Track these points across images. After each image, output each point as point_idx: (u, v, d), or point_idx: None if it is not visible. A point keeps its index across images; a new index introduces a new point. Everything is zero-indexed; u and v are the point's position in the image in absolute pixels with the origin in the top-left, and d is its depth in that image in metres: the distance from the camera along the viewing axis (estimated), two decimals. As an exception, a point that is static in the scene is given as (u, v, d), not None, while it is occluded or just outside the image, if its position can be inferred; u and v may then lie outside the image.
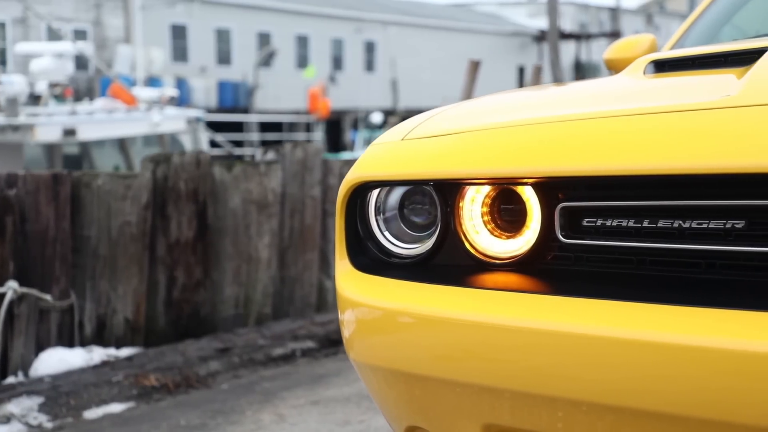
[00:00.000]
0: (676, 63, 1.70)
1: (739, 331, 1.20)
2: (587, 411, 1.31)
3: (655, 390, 1.23)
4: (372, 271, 1.64)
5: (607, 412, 1.29)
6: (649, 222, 1.36)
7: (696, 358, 1.20)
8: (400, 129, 1.72)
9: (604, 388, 1.28)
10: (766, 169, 1.22)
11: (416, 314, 1.51)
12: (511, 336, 1.38)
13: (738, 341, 1.18)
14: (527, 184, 1.47)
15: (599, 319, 1.31)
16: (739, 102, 1.30)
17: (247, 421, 3.34)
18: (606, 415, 1.29)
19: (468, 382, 1.44)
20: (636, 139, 1.35)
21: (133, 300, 4.20)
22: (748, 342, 1.18)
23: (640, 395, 1.25)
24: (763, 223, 1.27)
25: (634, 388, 1.25)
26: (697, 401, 1.20)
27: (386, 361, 1.58)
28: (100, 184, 4.09)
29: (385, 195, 1.65)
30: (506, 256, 1.52)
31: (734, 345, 1.18)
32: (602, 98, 1.62)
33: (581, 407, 1.31)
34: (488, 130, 1.56)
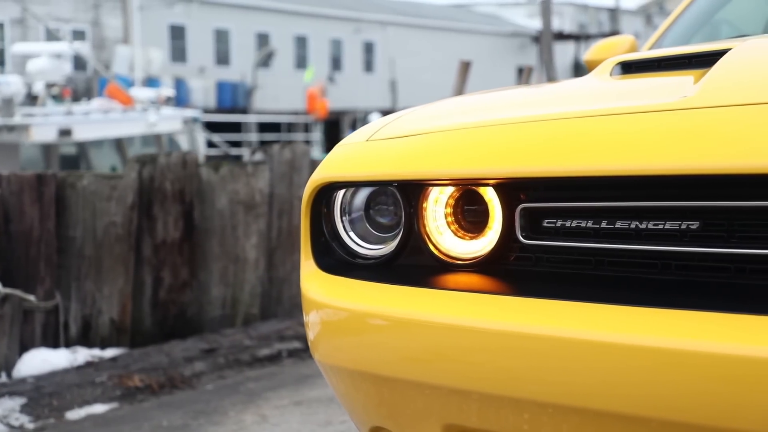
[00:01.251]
0: (643, 65, 1.71)
1: (694, 332, 1.20)
2: (552, 413, 1.31)
3: (615, 391, 1.23)
4: (337, 271, 1.64)
5: (571, 414, 1.29)
6: (607, 223, 1.36)
7: (653, 359, 1.20)
8: (366, 130, 1.72)
9: (566, 390, 1.28)
10: (717, 170, 1.22)
11: (379, 315, 1.51)
12: (470, 337, 1.38)
13: (692, 342, 1.19)
14: (489, 185, 1.47)
15: (557, 320, 1.31)
16: (694, 104, 1.30)
17: (230, 422, 3.34)
18: (571, 416, 1.29)
19: (427, 383, 1.44)
20: (593, 140, 1.35)
21: (118, 300, 4.20)
22: (702, 343, 1.18)
23: (601, 397, 1.25)
24: (716, 224, 1.27)
25: (595, 389, 1.25)
26: (657, 402, 1.20)
27: (350, 362, 1.59)
28: (85, 184, 4.09)
29: (350, 196, 1.65)
30: (469, 257, 1.52)
31: (689, 346, 1.18)
32: (565, 100, 1.63)
33: (546, 409, 1.31)
34: (451, 131, 1.56)
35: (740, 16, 3.24)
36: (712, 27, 3.00)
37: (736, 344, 1.15)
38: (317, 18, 30.64)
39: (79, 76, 20.89)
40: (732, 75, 1.37)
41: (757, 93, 1.29)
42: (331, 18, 31.18)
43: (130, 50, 21.58)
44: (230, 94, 27.43)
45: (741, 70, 1.39)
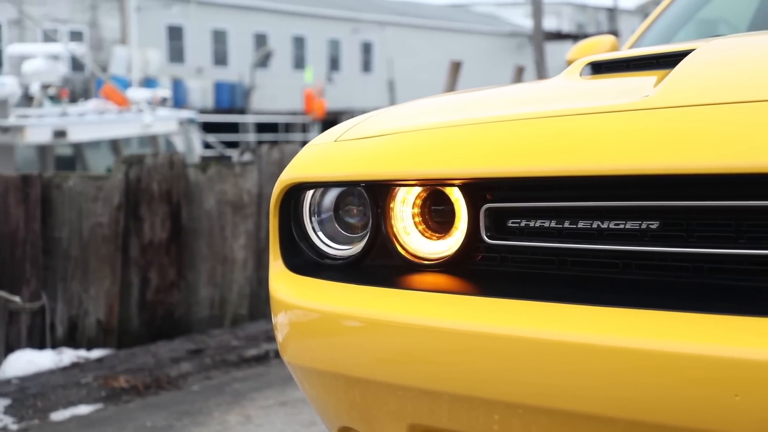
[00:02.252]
0: (612, 65, 1.71)
1: (654, 332, 1.20)
2: (522, 414, 1.31)
3: (580, 392, 1.23)
4: (305, 272, 1.64)
5: (540, 415, 1.29)
6: (570, 223, 1.36)
7: (615, 359, 1.20)
8: (335, 130, 1.72)
9: (532, 391, 1.28)
10: (675, 170, 1.23)
11: (347, 316, 1.51)
12: (436, 338, 1.38)
13: (653, 342, 1.19)
14: (454, 185, 1.47)
15: (520, 320, 1.32)
16: (653, 104, 1.31)
17: (214, 422, 3.34)
18: (539, 417, 1.28)
19: (393, 384, 1.45)
20: (555, 140, 1.36)
21: (105, 301, 4.20)
22: (663, 343, 1.18)
23: (567, 397, 1.25)
24: (675, 223, 1.27)
25: (561, 389, 1.25)
26: (621, 402, 1.20)
27: (317, 363, 1.59)
28: (71, 185, 4.09)
29: (319, 196, 1.65)
30: (436, 257, 1.52)
31: (650, 346, 1.18)
32: (532, 100, 1.62)
33: (516, 410, 1.31)
34: (417, 131, 1.56)
35: (722, 15, 3.25)
36: (695, 26, 3.00)
37: (696, 344, 1.15)
38: (315, 18, 30.65)
39: (76, 77, 20.89)
40: (692, 75, 1.37)
41: (715, 93, 1.29)
42: (329, 18, 31.18)
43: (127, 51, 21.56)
44: (228, 95, 27.43)
45: (701, 71, 1.39)
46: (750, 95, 1.25)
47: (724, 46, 1.56)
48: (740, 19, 3.19)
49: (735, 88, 1.30)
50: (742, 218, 1.22)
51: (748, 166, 1.16)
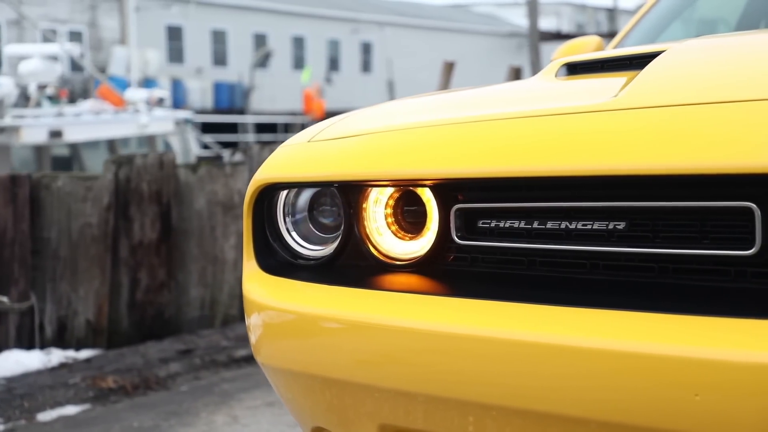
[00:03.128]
0: (587, 66, 1.71)
1: (617, 332, 1.20)
2: (496, 415, 1.31)
3: (551, 393, 1.23)
4: (279, 272, 1.64)
5: (513, 416, 1.29)
6: (539, 223, 1.37)
7: (584, 360, 1.20)
8: (310, 131, 1.73)
9: (502, 392, 1.28)
10: (640, 171, 1.23)
11: (319, 316, 1.51)
12: (407, 339, 1.39)
13: (616, 342, 1.19)
14: (426, 185, 1.47)
15: (489, 320, 1.32)
16: (619, 105, 1.31)
17: (200, 423, 3.34)
18: (513, 418, 1.28)
19: (363, 384, 1.45)
20: (523, 141, 1.36)
21: (94, 302, 4.20)
22: (625, 343, 1.18)
23: (538, 398, 1.25)
24: (641, 224, 1.27)
25: (531, 390, 1.25)
26: (591, 403, 1.20)
27: (290, 364, 1.59)
28: (59, 185, 4.09)
29: (293, 196, 1.66)
30: (408, 258, 1.52)
31: (612, 346, 1.18)
32: (505, 101, 1.63)
33: (489, 411, 1.31)
34: (389, 132, 1.57)
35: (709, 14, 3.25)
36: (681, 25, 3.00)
37: (656, 344, 1.15)
38: (315, 18, 30.66)
39: (75, 77, 20.90)
40: (659, 77, 1.38)
41: (681, 94, 1.29)
42: (329, 18, 31.19)
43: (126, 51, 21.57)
44: (227, 95, 27.45)
45: (668, 72, 1.39)
46: (715, 96, 1.26)
47: (694, 47, 1.56)
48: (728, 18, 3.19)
49: (700, 90, 1.30)
50: (706, 219, 1.22)
51: (711, 167, 1.17)
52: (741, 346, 1.09)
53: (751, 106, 1.19)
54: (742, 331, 1.11)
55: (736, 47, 1.56)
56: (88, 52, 25.95)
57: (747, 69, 1.36)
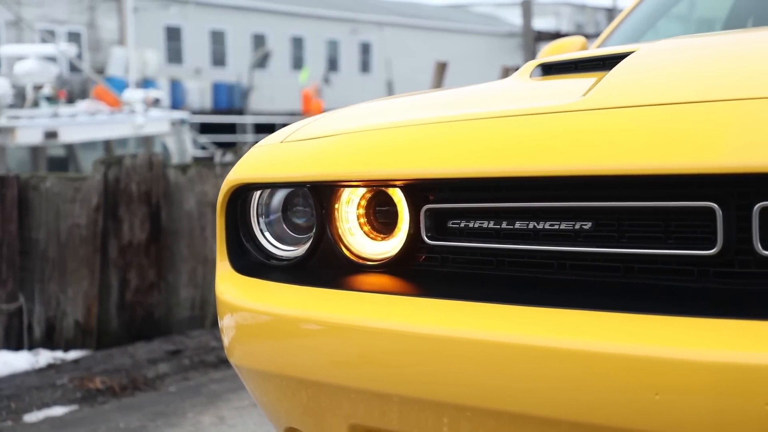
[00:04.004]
0: (561, 66, 1.71)
1: (586, 333, 1.20)
2: (471, 416, 1.31)
3: (521, 393, 1.23)
4: (252, 273, 1.64)
5: (487, 417, 1.29)
6: (507, 223, 1.37)
7: (546, 360, 1.20)
8: (283, 132, 1.73)
9: (472, 392, 1.28)
10: (605, 171, 1.23)
11: (291, 317, 1.51)
12: (377, 339, 1.39)
13: (585, 342, 1.19)
14: (396, 186, 1.47)
15: (457, 321, 1.32)
16: (585, 106, 1.31)
17: (187, 423, 3.33)
18: (487, 420, 1.28)
19: (336, 385, 1.45)
20: (492, 141, 1.36)
21: (83, 302, 4.20)
22: (595, 343, 1.18)
23: (509, 399, 1.25)
24: (607, 224, 1.27)
25: (501, 391, 1.25)
26: (559, 403, 1.20)
27: (262, 365, 1.59)
28: (48, 186, 4.09)
29: (267, 197, 1.66)
30: (379, 258, 1.52)
31: (582, 346, 1.19)
32: (478, 101, 1.62)
33: (463, 412, 1.30)
34: (360, 132, 1.57)
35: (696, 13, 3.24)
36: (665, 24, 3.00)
37: (616, 343, 1.16)
38: (314, 19, 30.66)
39: (74, 77, 20.90)
40: (625, 77, 1.38)
41: (645, 95, 1.29)
42: (328, 19, 31.20)
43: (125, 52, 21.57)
44: (226, 96, 27.45)
45: (635, 73, 1.40)
46: (678, 97, 1.26)
47: (663, 48, 1.56)
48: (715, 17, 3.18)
49: (664, 90, 1.30)
50: (670, 219, 1.22)
51: (673, 167, 1.17)
52: (699, 345, 1.10)
53: (714, 107, 1.20)
54: (702, 331, 1.11)
55: (706, 48, 1.55)
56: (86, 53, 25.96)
57: (713, 70, 1.37)
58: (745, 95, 1.19)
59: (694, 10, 3.18)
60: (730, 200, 1.16)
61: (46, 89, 11.43)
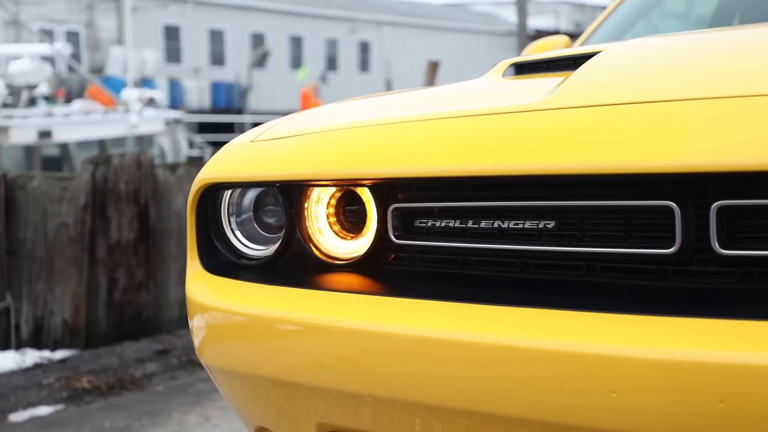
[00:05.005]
0: (533, 66, 1.71)
1: (546, 331, 1.20)
2: (442, 416, 1.30)
3: (488, 393, 1.23)
4: (222, 272, 1.64)
5: (459, 417, 1.28)
6: (473, 223, 1.37)
7: (508, 358, 1.20)
8: (254, 131, 1.73)
9: (442, 392, 1.28)
10: (565, 170, 1.23)
11: (261, 317, 1.51)
12: (347, 339, 1.38)
13: (545, 341, 1.19)
14: (364, 185, 1.47)
15: (424, 320, 1.32)
16: (549, 105, 1.31)
17: (172, 423, 3.33)
18: (458, 420, 1.28)
19: (306, 385, 1.45)
20: (456, 141, 1.36)
21: (71, 302, 4.19)
22: (555, 342, 1.18)
23: (477, 399, 1.24)
24: (570, 223, 1.27)
25: (469, 391, 1.25)
26: (523, 402, 1.20)
27: (231, 365, 1.58)
28: (35, 185, 4.08)
29: (237, 196, 1.66)
30: (348, 257, 1.52)
31: (542, 345, 1.18)
32: (446, 101, 1.62)
33: (435, 412, 1.30)
34: (329, 132, 1.57)
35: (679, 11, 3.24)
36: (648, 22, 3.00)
37: (581, 342, 1.15)
38: (312, 18, 30.66)
39: (72, 77, 20.90)
40: (589, 77, 1.38)
41: (607, 95, 1.29)
42: (327, 18, 31.19)
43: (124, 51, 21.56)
44: (225, 95, 27.44)
45: (599, 73, 1.39)
46: (638, 96, 1.25)
47: (630, 47, 1.56)
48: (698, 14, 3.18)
49: (625, 90, 1.30)
50: (630, 218, 1.22)
51: (632, 166, 1.17)
52: (655, 343, 1.09)
53: (673, 107, 1.19)
54: (659, 329, 1.11)
55: (671, 48, 1.55)
56: (85, 53, 25.97)
57: (675, 69, 1.36)
58: (705, 95, 1.19)
59: (679, 8, 3.18)
60: (689, 199, 1.16)
61: (44, 89, 11.41)
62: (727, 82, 1.22)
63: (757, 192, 1.12)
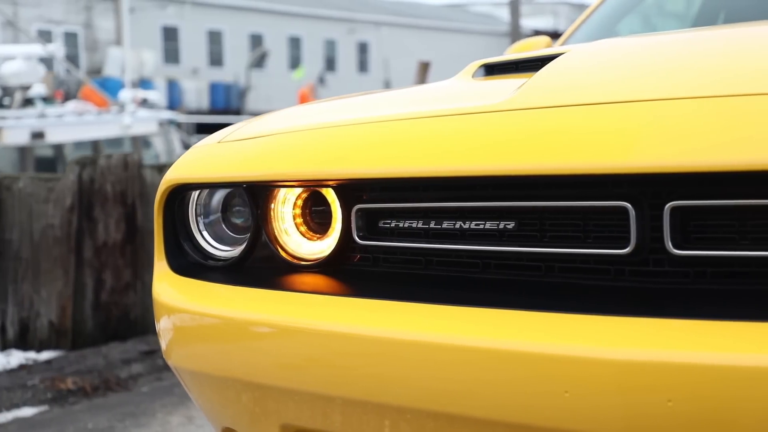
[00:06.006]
0: (502, 67, 1.72)
1: (501, 332, 1.20)
2: (410, 418, 1.30)
3: (451, 394, 1.23)
4: (189, 273, 1.64)
5: (427, 419, 1.28)
6: (436, 223, 1.37)
7: (476, 359, 1.20)
8: (221, 132, 1.73)
9: (408, 393, 1.28)
10: (523, 171, 1.23)
11: (228, 318, 1.50)
12: (313, 340, 1.38)
13: (500, 342, 1.19)
14: (329, 186, 1.47)
15: (386, 321, 1.32)
16: (507, 106, 1.31)
17: (156, 423, 3.33)
18: (426, 421, 1.28)
19: (271, 386, 1.44)
20: (418, 142, 1.37)
21: (57, 303, 4.19)
22: (510, 342, 1.18)
23: (441, 400, 1.24)
24: (529, 224, 1.27)
25: (433, 392, 1.25)
26: (487, 403, 1.19)
27: (198, 366, 1.58)
28: (21, 186, 4.08)
29: (205, 197, 1.66)
30: (313, 258, 1.52)
31: (496, 345, 1.19)
32: (412, 102, 1.62)
33: (405, 414, 1.30)
34: (295, 132, 1.57)
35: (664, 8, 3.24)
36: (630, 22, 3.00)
37: (535, 342, 1.15)
38: (311, 19, 30.67)
39: (70, 78, 20.90)
40: (550, 78, 1.38)
41: (565, 96, 1.29)
42: (325, 18, 31.21)
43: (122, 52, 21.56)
44: (223, 95, 27.45)
45: (560, 74, 1.39)
46: (595, 98, 1.26)
47: (595, 49, 1.56)
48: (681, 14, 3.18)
49: (584, 91, 1.30)
50: (588, 219, 1.23)
51: (588, 167, 1.17)
52: (608, 343, 1.09)
53: (628, 108, 1.20)
54: (613, 329, 1.11)
55: (634, 49, 1.55)
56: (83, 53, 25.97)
57: (633, 71, 1.37)
58: (659, 96, 1.19)
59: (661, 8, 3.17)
60: (644, 200, 1.16)
61: (42, 90, 11.40)
62: (682, 84, 1.22)
63: (711, 193, 1.12)
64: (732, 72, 1.23)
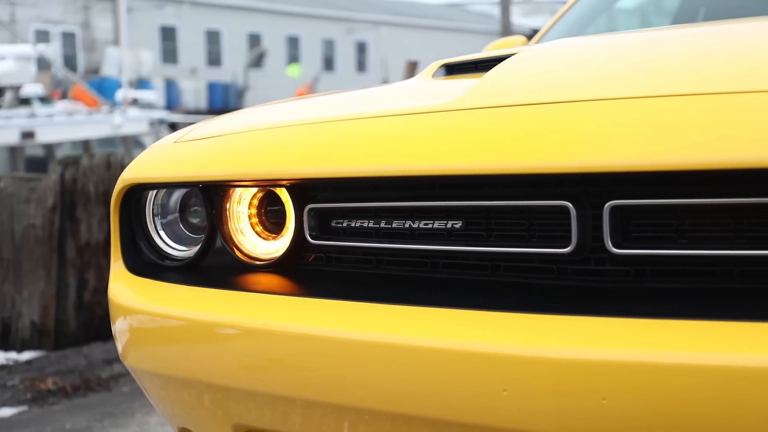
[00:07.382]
0: (462, 66, 1.71)
1: (451, 332, 1.20)
2: (370, 419, 1.29)
3: (404, 394, 1.22)
4: (146, 273, 1.63)
5: (384, 420, 1.27)
6: (386, 223, 1.37)
7: (429, 359, 1.19)
8: (178, 132, 1.73)
9: (361, 394, 1.27)
10: (469, 171, 1.23)
11: (183, 319, 1.50)
12: (266, 341, 1.38)
13: (444, 341, 1.19)
14: (282, 185, 1.47)
15: (336, 321, 1.31)
16: (455, 106, 1.31)
17: (133, 424, 3.31)
18: (384, 422, 1.27)
19: (224, 386, 1.44)
20: (368, 141, 1.36)
21: (39, 303, 4.18)
22: (453, 341, 1.18)
23: (395, 400, 1.24)
24: (476, 223, 1.27)
25: (387, 392, 1.24)
26: (436, 403, 1.19)
27: (153, 366, 1.57)
28: (2, 186, 4.06)
29: (162, 196, 1.65)
30: (268, 258, 1.52)
31: (448, 345, 1.18)
32: (367, 102, 1.61)
33: (361, 414, 1.29)
34: (249, 132, 1.57)
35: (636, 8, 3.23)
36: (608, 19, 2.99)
37: (476, 341, 1.15)
38: (309, 18, 30.68)
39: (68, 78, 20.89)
40: (499, 78, 1.37)
41: (510, 96, 1.29)
42: (324, 18, 31.22)
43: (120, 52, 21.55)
44: (221, 95, 27.48)
45: (509, 74, 1.39)
46: (539, 98, 1.25)
47: (547, 49, 1.56)
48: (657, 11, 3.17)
49: (530, 91, 1.29)
50: (532, 218, 1.22)
51: (529, 167, 1.16)
52: (545, 342, 1.09)
53: (569, 108, 1.19)
54: (552, 328, 1.11)
55: (586, 49, 1.54)
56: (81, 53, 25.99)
57: (580, 71, 1.36)
58: (600, 96, 1.19)
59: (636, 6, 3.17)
60: (585, 199, 1.16)
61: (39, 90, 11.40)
62: (625, 84, 1.22)
63: (649, 192, 1.12)
64: (674, 73, 1.23)
